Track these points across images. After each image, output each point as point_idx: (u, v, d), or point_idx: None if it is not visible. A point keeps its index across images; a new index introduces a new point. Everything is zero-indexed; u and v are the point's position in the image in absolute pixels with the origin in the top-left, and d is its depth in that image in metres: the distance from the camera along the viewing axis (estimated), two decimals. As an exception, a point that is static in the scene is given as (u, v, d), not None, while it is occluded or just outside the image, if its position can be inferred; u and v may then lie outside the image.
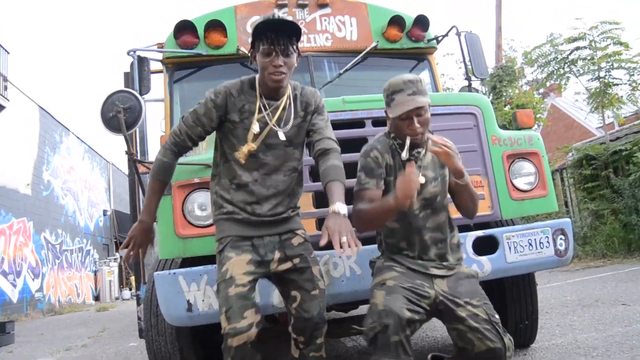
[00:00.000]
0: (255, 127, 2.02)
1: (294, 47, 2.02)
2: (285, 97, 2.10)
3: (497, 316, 1.98)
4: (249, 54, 2.11)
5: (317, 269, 2.08)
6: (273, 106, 2.07)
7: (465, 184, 2.08)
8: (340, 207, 1.86)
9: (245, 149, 2.03)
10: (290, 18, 2.24)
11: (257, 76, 2.10)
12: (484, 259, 2.49)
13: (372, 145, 2.17)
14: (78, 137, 17.77)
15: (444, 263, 2.12)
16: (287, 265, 2.05)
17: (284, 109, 2.08)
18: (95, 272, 17.80)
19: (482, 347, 1.92)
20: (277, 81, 2.00)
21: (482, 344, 1.91)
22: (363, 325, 1.90)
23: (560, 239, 2.63)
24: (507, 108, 11.71)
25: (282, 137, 2.04)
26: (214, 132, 2.14)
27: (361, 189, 2.10)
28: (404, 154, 2.05)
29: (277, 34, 1.96)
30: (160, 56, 3.65)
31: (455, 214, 2.27)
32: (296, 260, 2.06)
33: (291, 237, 2.10)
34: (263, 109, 2.05)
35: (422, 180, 2.03)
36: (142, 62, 3.43)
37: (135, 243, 2.12)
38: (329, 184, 1.96)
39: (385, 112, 2.15)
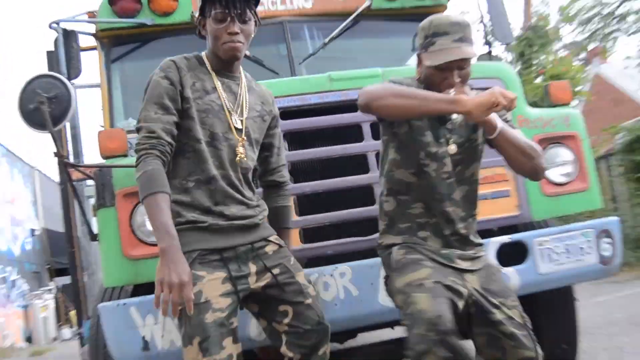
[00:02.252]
0: (235, 118, 2.12)
1: (252, 12, 2.11)
2: (242, 82, 2.20)
3: (529, 321, 2.08)
4: (197, 22, 2.16)
5: (302, 275, 2.18)
6: (227, 86, 2.16)
7: (501, 134, 2.04)
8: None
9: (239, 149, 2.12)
10: None
11: (204, 52, 2.18)
12: (510, 270, 2.52)
13: (399, 80, 2.17)
14: (-6, 138, 17.60)
15: (467, 249, 2.18)
16: (267, 278, 2.11)
17: (241, 94, 2.18)
18: (25, 308, 17.64)
19: (515, 356, 1.99)
20: (233, 50, 2.08)
21: (516, 352, 1.99)
22: (407, 342, 1.91)
23: (606, 242, 2.67)
24: (538, 80, 11.77)
25: (237, 124, 2.12)
26: None
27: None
28: (456, 115, 2.09)
29: None
30: (92, 28, 3.63)
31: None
32: (276, 271, 2.12)
33: (264, 246, 2.16)
34: (220, 89, 2.13)
35: (452, 149, 2.14)
36: (69, 37, 3.41)
37: (174, 292, 1.87)
38: (284, 232, 2.32)
39: (418, 55, 2.18)
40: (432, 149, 2.12)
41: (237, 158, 2.10)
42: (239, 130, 2.12)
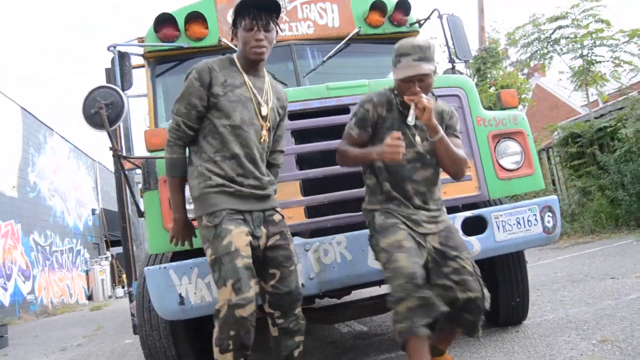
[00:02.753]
0: (264, 108, 2.15)
1: (274, 23, 2.15)
2: (266, 79, 2.23)
3: (478, 269, 2.17)
4: (231, 32, 2.20)
5: (293, 246, 2.19)
6: (254, 82, 2.17)
7: (439, 140, 2.16)
8: None
9: (264, 132, 2.16)
10: None
11: (235, 55, 2.20)
12: (473, 239, 2.52)
13: (370, 97, 2.32)
14: (62, 137, 17.54)
15: (430, 212, 2.26)
16: (272, 241, 2.14)
17: (267, 89, 2.20)
18: (87, 272, 17.68)
19: (464, 297, 2.08)
20: (259, 54, 2.11)
21: (466, 294, 2.08)
22: (389, 292, 2.02)
23: (548, 216, 2.66)
24: (492, 90, 11.75)
25: (263, 112, 2.14)
26: None
27: (348, 132, 2.33)
28: (410, 119, 2.15)
29: (258, 10, 2.09)
30: (141, 50, 3.60)
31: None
32: (276, 237, 2.14)
33: (272, 214, 2.18)
34: (249, 83, 2.15)
35: (418, 142, 2.25)
36: (123, 57, 3.38)
37: (178, 239, 2.21)
38: None
39: (392, 69, 2.26)
40: None
41: (262, 139, 2.14)
42: (263, 117, 2.15)
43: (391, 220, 2.20)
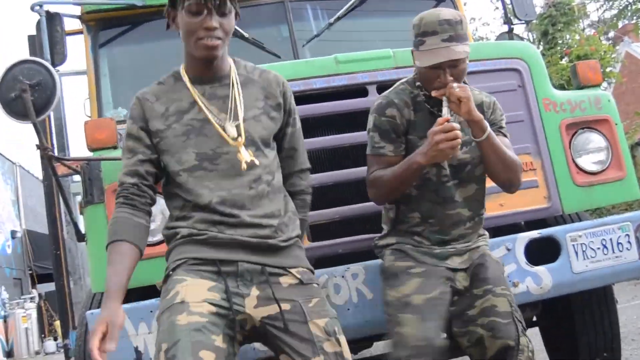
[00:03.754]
0: (232, 130, 1.96)
1: (233, 2, 1.97)
2: (232, 80, 2.03)
3: (520, 312, 2.18)
4: (165, 15, 2.03)
5: (320, 324, 1.91)
6: (211, 93, 2.01)
7: (486, 140, 2.17)
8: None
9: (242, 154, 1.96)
10: None
11: (182, 64, 2.06)
12: (541, 269, 2.51)
13: (388, 99, 2.33)
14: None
15: (465, 244, 2.30)
16: (271, 310, 1.90)
17: (233, 96, 2.01)
18: (5, 318, 17.72)
19: (494, 347, 2.12)
20: (211, 48, 1.93)
21: (494, 342, 2.12)
22: (389, 357, 2.09)
23: (646, 236, 2.65)
24: (564, 61, 11.74)
25: (231, 132, 1.96)
26: None
27: (376, 154, 2.32)
28: (446, 111, 2.15)
29: None
30: (78, 10, 3.63)
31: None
32: (286, 307, 1.90)
33: (280, 275, 1.96)
34: (199, 100, 1.99)
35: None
36: (53, 20, 3.41)
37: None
38: None
39: (412, 52, 2.28)
40: None
41: (243, 166, 1.94)
42: (235, 138, 1.96)
43: (402, 263, 2.26)
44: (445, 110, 2.14)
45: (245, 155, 1.95)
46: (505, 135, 2.35)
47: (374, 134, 2.32)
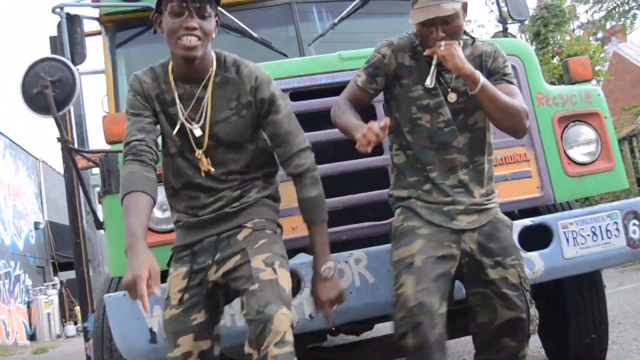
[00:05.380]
0: (198, 132, 2.09)
1: (213, 7, 2.04)
2: (210, 81, 2.10)
3: (528, 281, 2.20)
4: (152, 18, 2.10)
5: (261, 259, 1.98)
6: (189, 93, 2.10)
7: (480, 91, 2.15)
8: (328, 269, 2.14)
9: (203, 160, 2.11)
10: None
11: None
12: (534, 255, 2.50)
13: (390, 40, 2.37)
14: (-5, 129, 17.72)
15: (473, 198, 2.26)
16: (228, 265, 2.04)
17: (205, 98, 2.10)
18: (28, 304, 17.81)
19: (505, 316, 2.14)
20: (189, 48, 1.98)
21: (506, 312, 2.13)
22: (392, 316, 2.12)
23: (634, 224, 2.64)
24: (555, 60, 11.69)
25: (197, 132, 2.08)
26: None
27: (353, 79, 2.38)
28: (429, 81, 2.19)
29: None
30: (96, 13, 3.63)
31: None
32: (235, 259, 2.03)
33: (236, 233, 2.10)
34: (177, 100, 2.09)
35: (452, 98, 2.27)
36: (73, 21, 3.41)
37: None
38: (311, 228, 2.18)
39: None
40: (424, 101, 2.27)
41: (203, 169, 2.10)
42: (197, 142, 2.08)
43: (410, 222, 2.24)
44: (432, 69, 2.19)
45: (205, 162, 2.09)
46: (510, 82, 2.31)
47: (366, 63, 2.37)
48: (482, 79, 2.15)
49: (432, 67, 2.19)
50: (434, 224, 2.22)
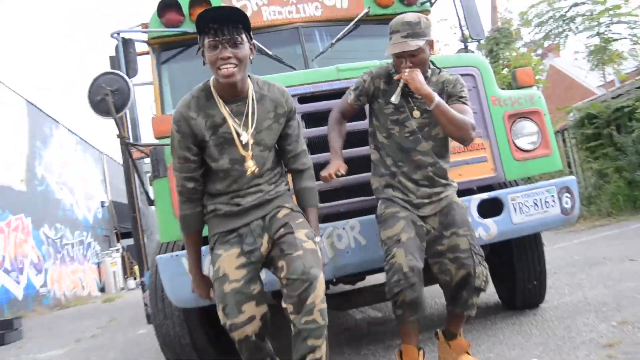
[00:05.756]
0: (244, 137, 1.98)
1: (243, 36, 1.92)
2: (249, 98, 2.01)
3: (478, 247, 2.22)
4: (198, 53, 2.00)
5: (303, 233, 1.96)
6: (237, 110, 1.99)
7: (435, 108, 2.18)
8: (315, 242, 1.99)
9: (249, 163, 2.00)
10: None
11: (211, 80, 2.01)
12: (489, 221, 2.50)
13: (370, 70, 2.42)
14: (69, 129, 17.67)
15: (435, 188, 2.29)
16: (276, 237, 2.00)
17: (250, 112, 2.00)
18: (98, 264, 17.90)
19: (459, 275, 2.18)
20: (227, 75, 1.88)
21: (458, 272, 2.17)
22: (386, 282, 2.15)
23: (566, 197, 2.64)
24: (505, 71, 11.60)
25: (244, 140, 1.97)
26: None
27: (345, 96, 2.47)
28: (394, 98, 2.24)
29: (220, 24, 1.87)
30: (145, 37, 3.60)
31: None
32: (280, 231, 1.97)
33: (277, 212, 2.03)
34: (228, 117, 1.97)
35: (417, 114, 2.30)
36: (127, 44, 3.39)
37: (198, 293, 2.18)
38: (306, 210, 2.13)
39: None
40: (394, 117, 2.32)
41: (249, 171, 1.99)
42: (246, 146, 1.99)
43: (391, 209, 2.26)
44: (398, 90, 2.23)
45: (251, 164, 2.00)
46: (464, 103, 2.29)
47: (353, 86, 2.44)
48: (437, 99, 2.17)
49: (398, 88, 2.24)
50: (408, 209, 2.26)
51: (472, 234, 2.23)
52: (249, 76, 2.05)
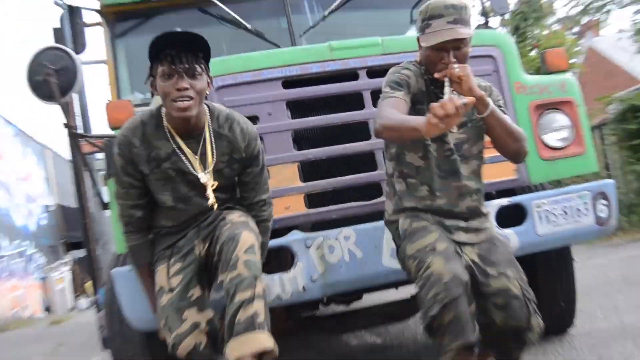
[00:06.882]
0: (203, 177, 2.11)
1: (202, 66, 2.01)
2: (205, 136, 2.13)
3: (531, 292, 2.09)
4: (147, 83, 2.11)
5: (235, 214, 2.15)
6: (190, 144, 2.12)
7: (490, 115, 2.07)
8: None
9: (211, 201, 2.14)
10: None
11: (163, 109, 2.10)
12: (509, 231, 2.51)
13: (404, 65, 2.23)
14: (5, 119, 17.53)
15: (474, 222, 2.19)
16: (208, 232, 2.17)
17: (204, 152, 2.13)
18: (43, 280, 17.79)
19: (506, 325, 2.04)
20: (183, 109, 1.97)
21: (506, 322, 2.03)
22: (419, 300, 1.96)
23: (602, 204, 2.66)
24: (533, 53, 11.65)
25: (203, 179, 2.11)
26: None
27: (388, 96, 2.11)
28: (447, 91, 2.02)
29: (178, 51, 1.95)
30: (97, 4, 3.56)
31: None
32: (214, 223, 2.15)
33: (209, 216, 2.19)
34: (178, 151, 2.10)
35: (454, 129, 2.09)
36: (73, 13, 3.38)
37: None
38: None
39: (418, 39, 2.21)
40: None
41: (210, 203, 2.12)
42: (204, 185, 2.12)
43: (418, 223, 2.14)
44: (447, 90, 2.02)
45: (211, 198, 2.11)
46: (504, 113, 2.20)
47: (386, 88, 2.15)
48: (491, 102, 2.07)
49: (447, 88, 2.03)
50: (440, 227, 2.14)
51: (522, 276, 2.11)
52: (210, 109, 2.14)
